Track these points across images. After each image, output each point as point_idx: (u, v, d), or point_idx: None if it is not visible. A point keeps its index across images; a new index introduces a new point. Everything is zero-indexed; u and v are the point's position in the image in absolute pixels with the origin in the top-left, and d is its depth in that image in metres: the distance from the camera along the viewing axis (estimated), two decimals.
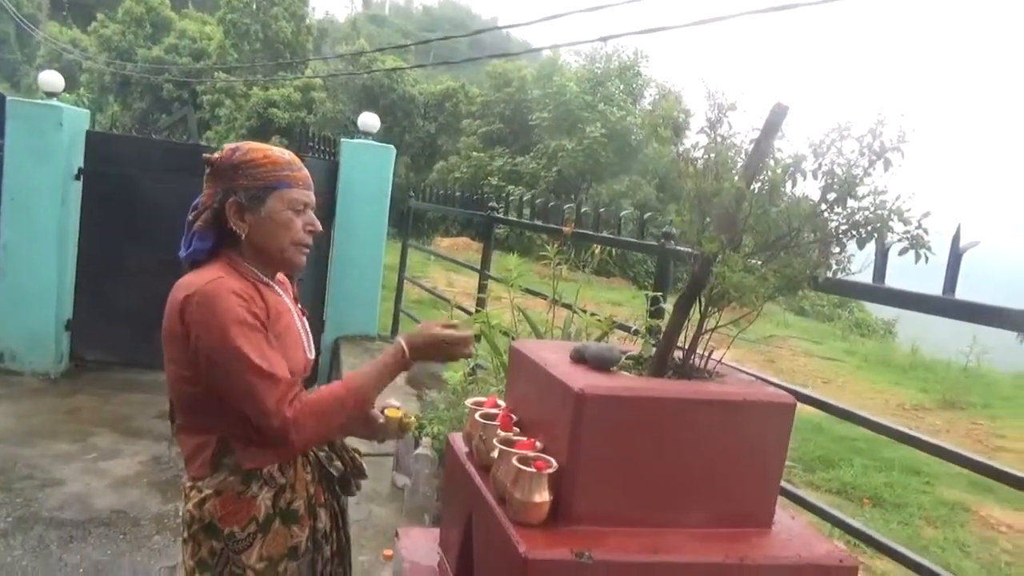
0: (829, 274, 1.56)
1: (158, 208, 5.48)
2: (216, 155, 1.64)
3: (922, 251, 1.47)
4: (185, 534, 1.62)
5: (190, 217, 1.66)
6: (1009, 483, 1.93)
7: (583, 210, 3.83)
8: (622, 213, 3.49)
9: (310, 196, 1.69)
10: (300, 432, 1.50)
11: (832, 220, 1.51)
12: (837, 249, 1.54)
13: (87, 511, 3.91)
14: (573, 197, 18.66)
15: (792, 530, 1.49)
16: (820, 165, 1.49)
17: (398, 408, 1.88)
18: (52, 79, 5.97)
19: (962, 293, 1.83)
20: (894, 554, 2.22)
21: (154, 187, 5.89)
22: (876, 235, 1.51)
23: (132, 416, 5.27)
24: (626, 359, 1.61)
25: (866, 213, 1.48)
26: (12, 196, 5.79)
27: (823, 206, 1.50)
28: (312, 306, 6.11)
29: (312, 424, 1.52)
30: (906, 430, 2.26)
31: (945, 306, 1.80)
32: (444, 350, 1.70)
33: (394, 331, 6.68)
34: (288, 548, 1.62)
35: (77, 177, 6.00)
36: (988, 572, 4.63)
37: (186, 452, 1.62)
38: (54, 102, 5.91)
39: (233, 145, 1.66)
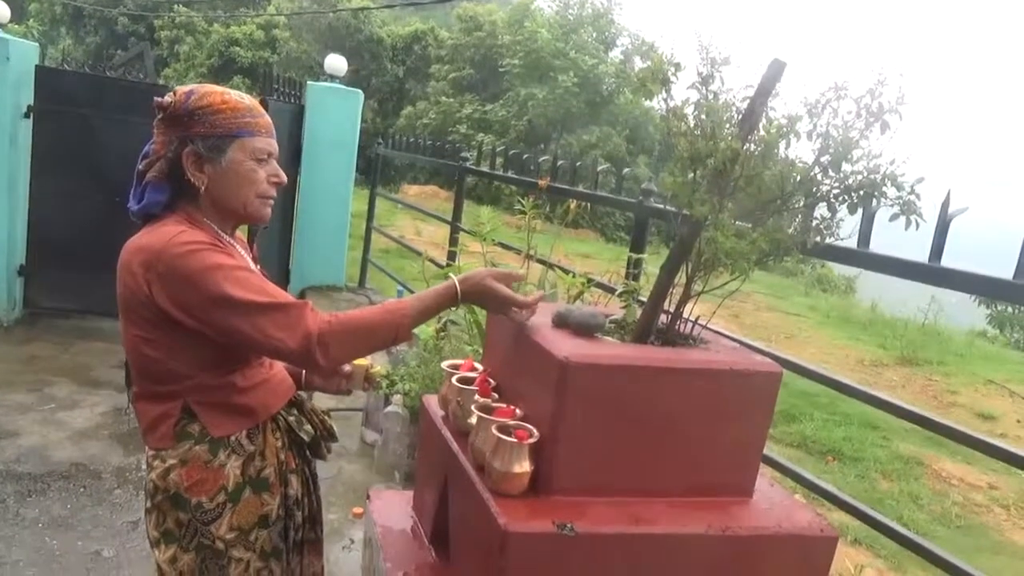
0: (818, 239, 1.53)
1: (113, 149, 5.23)
2: (168, 99, 1.50)
3: (913, 217, 1.43)
4: (148, 503, 1.55)
5: (140, 166, 1.52)
6: (957, 439, 1.96)
7: (559, 163, 3.74)
8: (599, 167, 3.41)
9: (273, 144, 1.57)
10: (326, 351, 1.40)
11: (825, 184, 1.46)
12: (828, 213, 1.50)
13: (45, 464, 3.80)
14: (544, 147, 18.48)
15: (773, 499, 1.48)
16: (815, 126, 1.43)
17: (364, 359, 1.80)
18: None
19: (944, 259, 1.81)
20: (852, 509, 2.26)
21: (108, 127, 5.62)
22: (868, 201, 1.46)
23: (91, 365, 5.12)
24: (608, 323, 1.56)
25: (860, 177, 1.44)
26: None
27: (817, 169, 1.45)
28: (278, 256, 5.97)
29: (338, 343, 1.41)
30: (865, 388, 2.28)
31: (933, 274, 1.77)
32: (498, 300, 1.52)
33: (361, 282, 6.58)
34: (259, 517, 1.57)
35: (27, 115, 5.70)
36: (940, 524, 4.79)
37: (145, 422, 1.53)
38: (0, 33, 5.58)
39: (187, 88, 1.52)
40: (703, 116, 1.46)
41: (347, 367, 1.76)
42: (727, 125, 1.44)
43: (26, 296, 6.00)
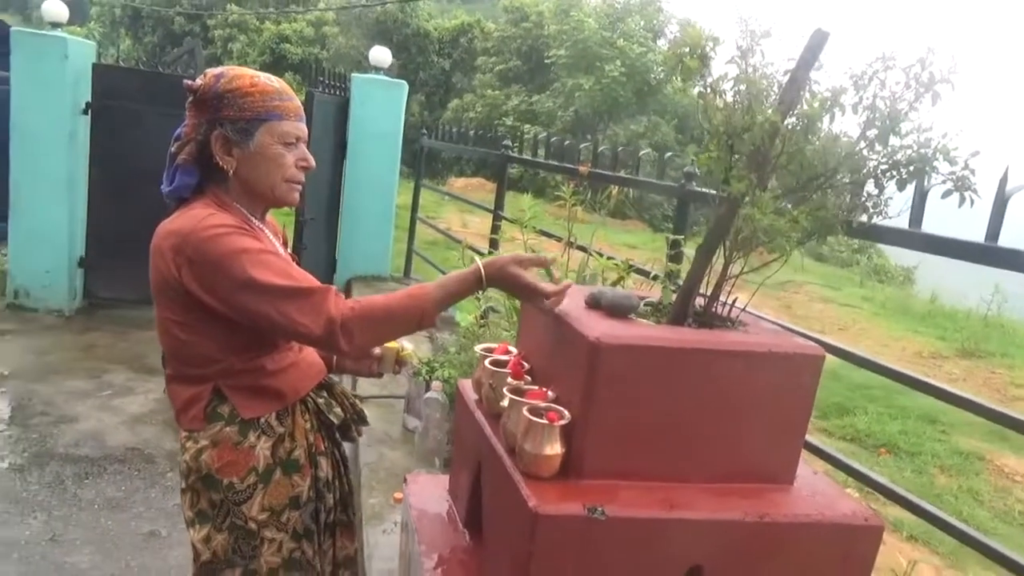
0: (865, 218, 1.46)
1: (165, 143, 5.28)
2: (198, 82, 1.51)
3: (967, 194, 1.36)
4: (183, 484, 1.58)
5: (172, 149, 1.54)
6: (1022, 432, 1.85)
7: (600, 149, 3.69)
8: (641, 152, 3.35)
9: (302, 128, 1.57)
10: (350, 337, 1.40)
11: (871, 159, 1.39)
12: (875, 191, 1.44)
13: (102, 448, 3.93)
14: (589, 137, 18.34)
15: (815, 487, 1.42)
16: (861, 99, 1.37)
17: (394, 341, 1.79)
18: (55, 8, 5.79)
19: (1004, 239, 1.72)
20: (907, 503, 2.17)
21: (161, 122, 5.73)
22: (918, 176, 1.40)
23: (146, 354, 5.27)
24: (644, 305, 1.53)
25: (909, 152, 1.37)
26: (20, 131, 5.69)
27: (862, 144, 1.38)
28: (325, 247, 6.05)
29: (361, 328, 1.41)
30: (922, 377, 2.18)
31: (990, 254, 1.68)
32: (522, 288, 1.47)
33: (407, 272, 6.62)
34: (290, 498, 1.58)
35: (85, 111, 5.89)
36: (1002, 521, 4.60)
37: (178, 403, 1.55)
38: (58, 32, 5.75)
39: (218, 71, 1.52)
40: (742, 89, 1.41)
41: (377, 350, 1.76)
42: (767, 99, 1.39)
43: (86, 287, 6.21)
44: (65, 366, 4.99)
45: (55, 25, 5.79)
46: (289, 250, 1.76)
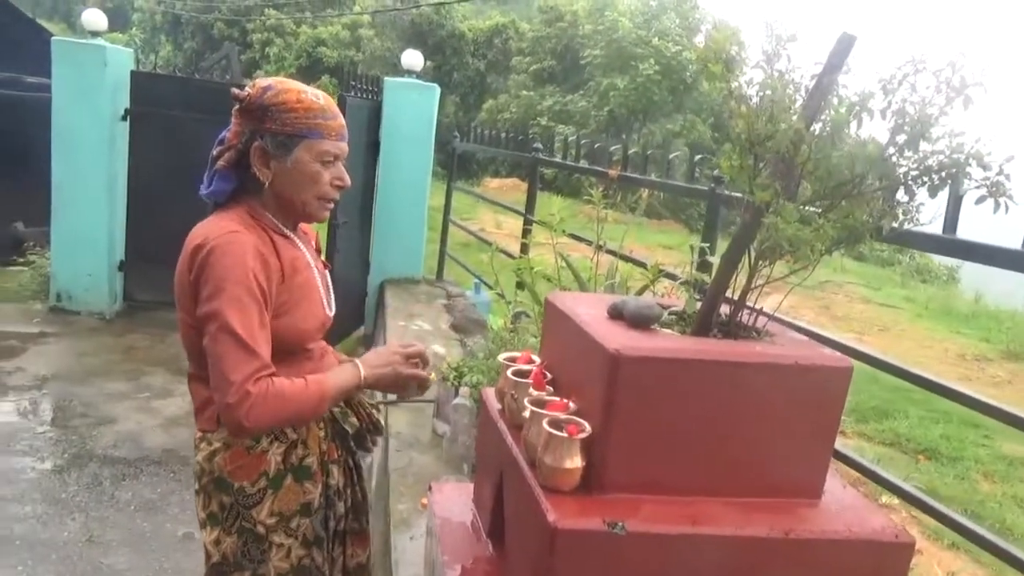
0: (895, 224, 1.42)
1: (202, 148, 5.41)
2: (246, 91, 1.54)
3: (1003, 199, 1.31)
4: (196, 485, 1.60)
5: (214, 152, 1.58)
6: None
7: (631, 151, 3.66)
8: (671, 155, 3.31)
9: (342, 147, 1.59)
10: (253, 414, 1.39)
11: (901, 165, 1.35)
12: (905, 197, 1.39)
13: (139, 449, 4.01)
14: (624, 137, 18.22)
15: (843, 501, 1.39)
16: (890, 103, 1.33)
17: None
18: (95, 17, 5.93)
19: None
20: (945, 519, 2.11)
21: (197, 127, 5.86)
22: (950, 182, 1.35)
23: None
24: (668, 315, 1.50)
25: (940, 157, 1.32)
26: (61, 138, 5.84)
27: (892, 149, 1.34)
28: (358, 249, 6.10)
29: (269, 410, 1.41)
30: (952, 384, 2.12)
31: None
32: (399, 383, 1.67)
33: (439, 274, 6.64)
34: (301, 504, 1.59)
35: (124, 118, 6.02)
36: None
37: (196, 403, 1.59)
38: (98, 41, 5.89)
39: (266, 82, 1.54)
40: (767, 94, 1.38)
41: None
42: (792, 105, 1.36)
43: (125, 290, 6.35)
44: (105, 368, 5.10)
45: (95, 33, 5.92)
46: (323, 255, 1.78)
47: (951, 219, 1.78)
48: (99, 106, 5.84)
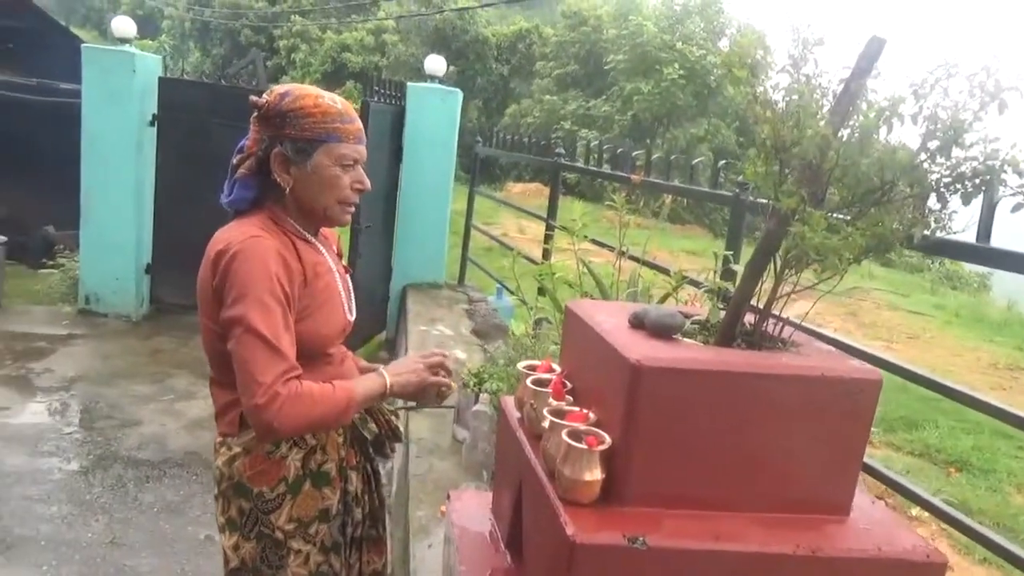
0: (927, 233, 1.38)
1: (229, 153, 5.49)
2: (264, 99, 1.55)
3: None
4: (216, 490, 1.60)
5: (234, 160, 1.59)
6: None
7: (654, 156, 3.62)
8: (694, 160, 3.27)
9: (360, 151, 1.59)
10: (282, 415, 1.38)
11: (933, 172, 1.31)
12: (938, 205, 1.35)
13: (163, 451, 4.04)
14: (648, 142, 18.14)
15: (873, 518, 1.35)
16: (921, 108, 1.29)
17: None
18: (124, 25, 6.01)
19: None
20: (976, 535, 2.05)
21: (224, 132, 5.92)
22: (984, 189, 1.31)
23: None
24: (691, 324, 1.47)
25: (974, 164, 1.28)
26: (91, 143, 5.93)
27: (923, 156, 1.30)
28: (381, 254, 6.11)
29: (298, 412, 1.41)
30: (981, 396, 2.06)
31: None
32: (424, 391, 1.67)
33: (461, 279, 6.64)
34: (319, 510, 1.59)
35: (152, 123, 6.09)
36: None
37: (217, 407, 1.59)
38: (127, 48, 5.97)
39: (283, 89, 1.55)
40: (793, 99, 1.34)
41: None
42: (819, 110, 1.33)
43: (152, 293, 6.42)
44: (131, 370, 5.16)
45: (124, 40, 6.00)
46: (344, 259, 1.78)
47: (985, 227, 1.74)
48: (127, 111, 5.92)
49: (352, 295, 1.71)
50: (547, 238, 4.64)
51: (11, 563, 2.97)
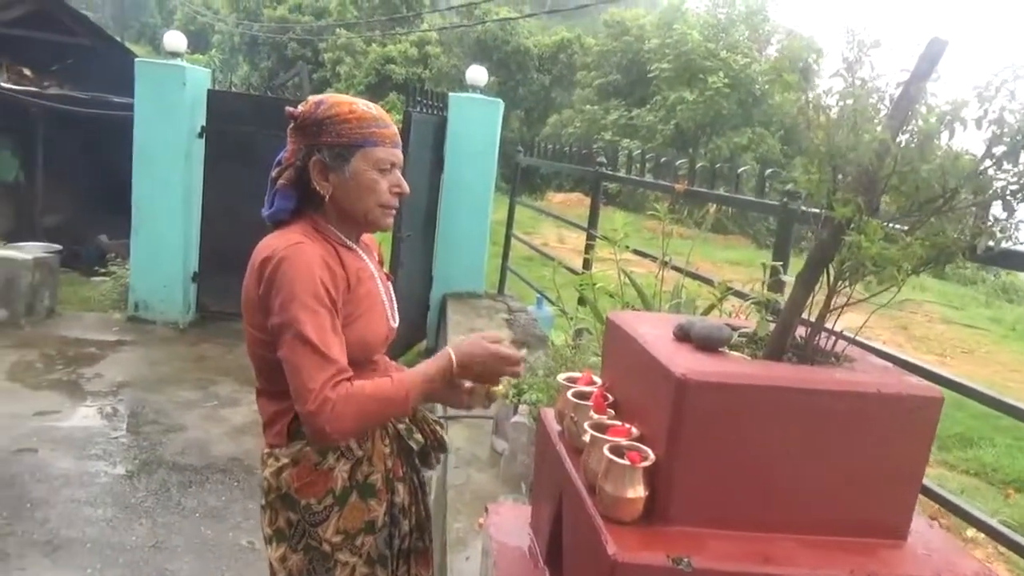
0: (991, 243, 1.31)
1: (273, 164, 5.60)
2: (300, 109, 1.56)
3: None
4: (263, 501, 1.60)
5: (273, 174, 1.60)
6: None
7: (698, 165, 3.56)
8: (740, 169, 3.20)
9: (397, 154, 1.59)
10: (335, 419, 1.37)
11: (999, 179, 1.25)
12: (1004, 213, 1.29)
13: (206, 457, 4.09)
14: (691, 151, 17.95)
15: (931, 543, 1.28)
16: (986, 112, 1.23)
17: None
18: (175, 39, 6.16)
19: None
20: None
21: (269, 143, 5.98)
22: None
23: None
24: (738, 337, 1.42)
25: None
26: (141, 154, 6.08)
27: (988, 162, 1.24)
28: (421, 263, 6.13)
29: (352, 412, 1.39)
30: None
31: None
32: (492, 367, 1.57)
33: (500, 289, 6.62)
34: (365, 522, 1.57)
35: (200, 135, 6.22)
36: None
37: (264, 418, 1.59)
38: (178, 62, 6.11)
39: (317, 98, 1.57)
40: (848, 103, 1.29)
41: (468, 383, 1.70)
42: (875, 115, 1.27)
43: (198, 300, 6.54)
44: (177, 376, 5.25)
45: (175, 54, 6.15)
46: (386, 268, 1.77)
47: None
48: (177, 123, 6.05)
49: (394, 302, 1.70)
50: (588, 248, 4.59)
51: (57, 565, 3.02)
